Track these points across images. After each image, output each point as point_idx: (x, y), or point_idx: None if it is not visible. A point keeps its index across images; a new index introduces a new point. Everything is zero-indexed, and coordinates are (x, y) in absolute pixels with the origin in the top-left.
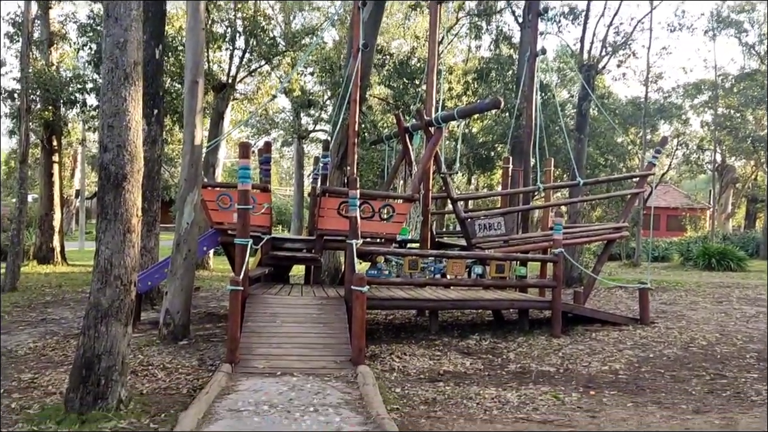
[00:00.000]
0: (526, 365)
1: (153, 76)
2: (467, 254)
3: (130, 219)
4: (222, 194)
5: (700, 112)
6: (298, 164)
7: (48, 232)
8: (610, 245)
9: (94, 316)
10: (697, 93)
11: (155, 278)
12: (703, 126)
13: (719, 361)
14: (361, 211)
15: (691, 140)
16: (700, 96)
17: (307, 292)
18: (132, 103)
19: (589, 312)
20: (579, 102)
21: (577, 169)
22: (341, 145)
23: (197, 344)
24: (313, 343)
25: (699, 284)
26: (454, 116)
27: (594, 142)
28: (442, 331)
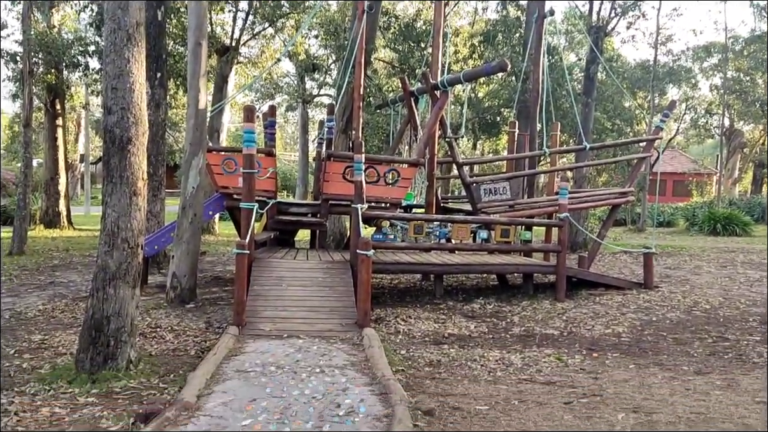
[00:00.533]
0: (530, 328)
1: (155, 38)
2: (472, 219)
3: (136, 182)
4: (227, 158)
5: (709, 76)
6: (302, 129)
7: (54, 196)
8: (615, 210)
9: (102, 279)
10: (706, 56)
11: (162, 242)
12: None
13: (722, 324)
14: (366, 176)
15: (699, 104)
16: (710, 59)
17: (313, 256)
18: (135, 65)
19: (593, 276)
20: (587, 65)
21: (584, 133)
22: (346, 109)
23: (204, 307)
24: (318, 306)
25: (704, 249)
26: (460, 80)
27: (601, 107)
28: (446, 295)
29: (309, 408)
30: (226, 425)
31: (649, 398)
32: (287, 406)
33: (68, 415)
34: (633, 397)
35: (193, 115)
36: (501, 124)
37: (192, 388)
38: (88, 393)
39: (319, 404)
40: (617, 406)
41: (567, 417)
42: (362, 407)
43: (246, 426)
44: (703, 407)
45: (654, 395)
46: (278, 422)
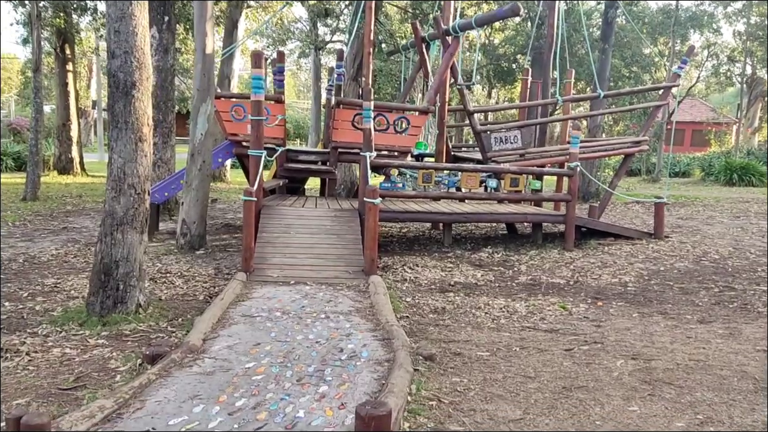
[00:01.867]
0: (537, 277)
1: None
2: (482, 167)
3: (141, 128)
4: (235, 105)
5: (732, 22)
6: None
7: (66, 142)
8: (628, 159)
9: (110, 224)
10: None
11: (172, 189)
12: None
13: (730, 274)
14: (376, 124)
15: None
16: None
17: (321, 204)
18: (138, 7)
19: (603, 226)
20: (605, 9)
21: (600, 81)
22: (357, 55)
23: (213, 254)
24: (326, 253)
25: (718, 199)
26: (471, 24)
27: (619, 53)
28: (455, 244)
29: (312, 352)
30: (229, 367)
31: (649, 345)
32: (291, 350)
33: (78, 356)
34: (633, 345)
35: (200, 59)
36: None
37: (198, 331)
38: (98, 335)
39: (322, 348)
40: (617, 353)
41: (566, 363)
42: (364, 352)
43: (249, 368)
44: (702, 355)
45: (654, 343)
46: (281, 365)
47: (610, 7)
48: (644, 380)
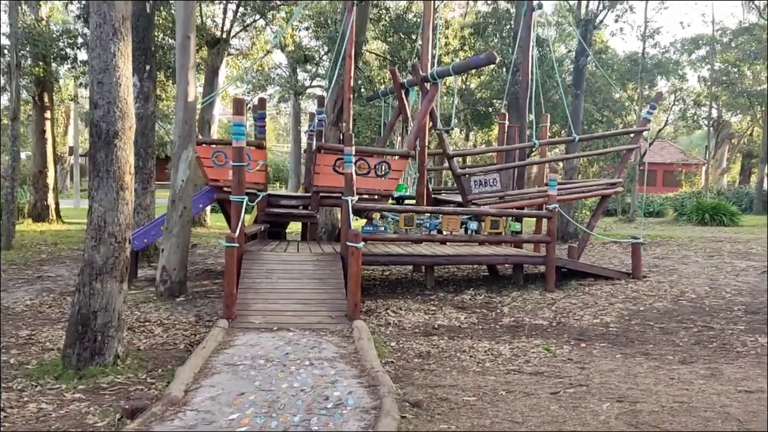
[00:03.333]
0: (520, 319)
1: (144, 30)
2: (462, 210)
3: (123, 176)
4: (217, 151)
5: (697, 68)
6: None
7: (42, 189)
8: (604, 201)
9: (89, 273)
10: (694, 48)
11: (151, 235)
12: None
13: (708, 314)
14: (357, 168)
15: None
16: (698, 51)
17: (303, 248)
18: (122, 59)
19: (583, 266)
20: (576, 57)
21: (574, 125)
22: (337, 101)
23: (194, 300)
24: (308, 298)
25: (692, 239)
26: (449, 71)
27: (591, 98)
28: (437, 287)
29: (297, 401)
30: (213, 420)
31: (633, 388)
32: (275, 399)
33: (55, 411)
34: (618, 387)
35: (182, 107)
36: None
37: (179, 382)
38: (74, 389)
39: (307, 397)
40: (602, 396)
41: (553, 407)
42: (350, 399)
43: (233, 420)
44: (685, 396)
45: (639, 384)
46: (266, 416)
47: (580, 55)
48: (630, 423)
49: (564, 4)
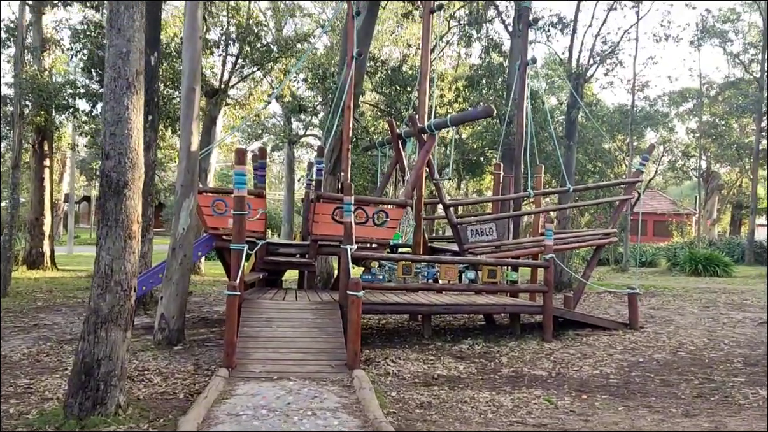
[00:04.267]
0: (519, 369)
1: (148, 82)
2: (460, 259)
3: (131, 225)
4: (217, 200)
5: (685, 120)
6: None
7: (38, 236)
8: (599, 250)
9: (94, 322)
10: (682, 101)
11: (150, 283)
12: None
13: (707, 366)
14: (355, 217)
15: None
16: (686, 104)
17: (302, 296)
18: (134, 112)
19: (580, 317)
20: (568, 110)
21: (567, 175)
22: (334, 151)
23: (192, 349)
24: (308, 347)
25: (686, 289)
26: (446, 123)
27: (582, 149)
28: (435, 336)
29: None
30: None
31: None
32: None
33: None
34: None
35: (185, 157)
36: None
37: None
38: None
39: None
40: None
41: None
42: None
43: None
44: None
45: None
46: None
47: (572, 107)
48: None
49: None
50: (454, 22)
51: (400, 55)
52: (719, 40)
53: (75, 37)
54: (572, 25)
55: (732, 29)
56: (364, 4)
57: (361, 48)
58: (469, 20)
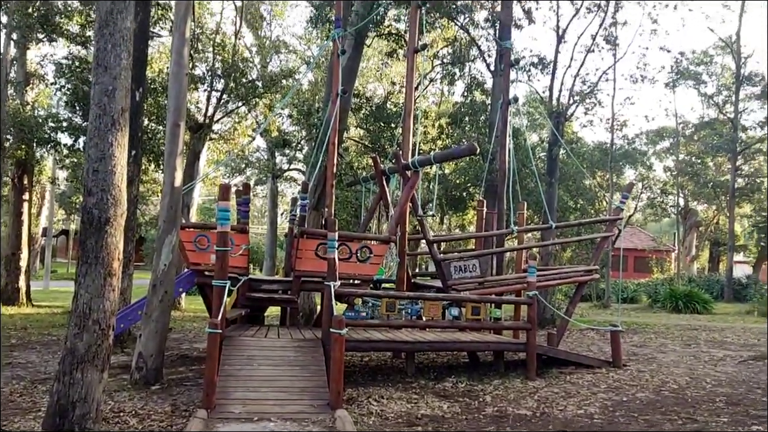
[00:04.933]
0: (503, 408)
1: (133, 117)
2: (444, 296)
3: (112, 263)
4: (200, 235)
5: (663, 158)
6: (272, 203)
7: (14, 272)
8: (582, 287)
9: (70, 362)
10: (659, 140)
11: (128, 321)
12: (666, 171)
13: (690, 405)
14: (339, 253)
15: (655, 184)
16: (662, 143)
17: (284, 334)
18: (118, 149)
19: (564, 354)
20: (549, 147)
21: (549, 212)
22: (318, 186)
23: (170, 389)
24: (290, 386)
25: (667, 326)
26: (431, 161)
27: (564, 186)
28: (418, 374)
29: None
30: None
31: None
32: None
33: None
34: None
35: (168, 192)
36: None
37: None
38: None
39: None
40: None
41: None
42: None
43: None
44: None
45: None
46: None
47: (553, 145)
48: None
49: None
50: (437, 60)
51: (385, 92)
52: (693, 81)
53: (59, 71)
54: (552, 66)
55: (705, 71)
56: (350, 42)
57: (346, 86)
58: (452, 59)
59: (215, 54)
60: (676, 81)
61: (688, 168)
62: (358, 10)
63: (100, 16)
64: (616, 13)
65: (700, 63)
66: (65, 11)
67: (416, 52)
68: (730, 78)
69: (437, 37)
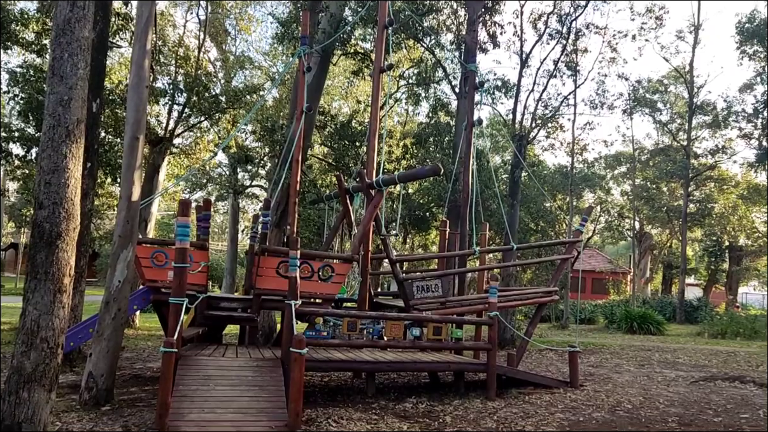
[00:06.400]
0: (463, 429)
1: (89, 129)
2: (406, 316)
3: (62, 279)
4: (157, 251)
5: (620, 183)
6: (233, 220)
7: None
8: (541, 308)
9: (17, 381)
10: (617, 164)
11: (78, 339)
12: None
13: (644, 425)
14: (300, 271)
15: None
16: (620, 167)
17: (242, 353)
18: (72, 161)
19: (522, 375)
20: (511, 169)
21: (511, 233)
22: (280, 204)
23: (121, 410)
24: (248, 407)
25: (623, 347)
26: (395, 180)
27: (525, 208)
28: (378, 394)
29: None
30: None
31: None
32: None
33: None
34: None
35: (124, 207)
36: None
37: None
38: None
39: None
40: None
41: None
42: None
43: None
44: None
45: None
46: None
47: (515, 167)
48: None
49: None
50: (403, 81)
51: (350, 110)
52: (649, 109)
53: (13, 80)
54: (516, 89)
55: (660, 99)
56: (316, 60)
57: (311, 103)
58: (417, 80)
59: (177, 67)
60: (633, 108)
61: (644, 192)
62: (325, 28)
63: (57, 24)
64: (578, 41)
65: (656, 91)
66: (21, 18)
67: (382, 71)
68: (683, 106)
69: (403, 57)
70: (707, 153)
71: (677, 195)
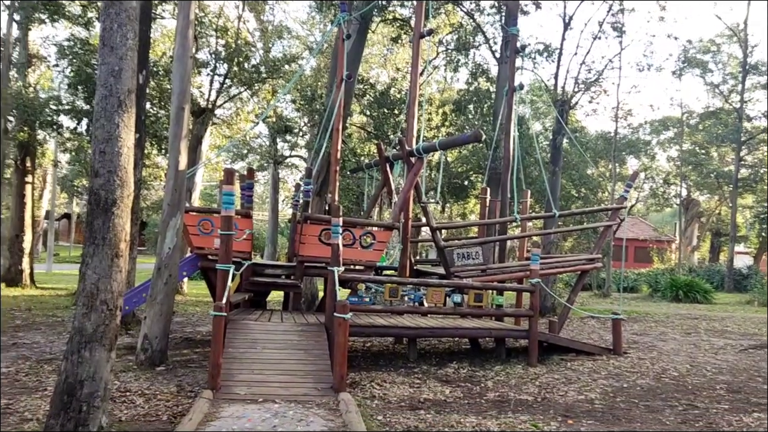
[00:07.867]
0: (505, 394)
1: (136, 100)
2: (447, 283)
3: (119, 244)
4: (203, 219)
5: (666, 148)
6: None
7: (17, 254)
8: (584, 275)
9: (78, 341)
10: (663, 129)
11: (133, 303)
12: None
13: (691, 392)
14: (342, 238)
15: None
16: (667, 132)
17: (287, 318)
18: (125, 130)
19: (565, 341)
20: (553, 136)
21: (552, 200)
22: (321, 172)
23: (175, 370)
24: (294, 369)
25: (668, 315)
26: (435, 147)
27: (567, 175)
28: (420, 359)
29: None
30: None
31: None
32: None
33: None
34: None
35: (172, 176)
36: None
37: None
38: None
39: None
40: None
41: None
42: None
43: None
44: None
45: None
46: None
47: (557, 133)
48: None
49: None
50: (441, 47)
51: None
52: (700, 70)
53: (61, 53)
54: (558, 53)
55: (712, 60)
56: (355, 27)
57: (350, 71)
58: (456, 46)
59: (218, 38)
60: (683, 69)
61: (692, 158)
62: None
63: None
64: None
65: (707, 51)
66: None
67: (422, 37)
68: (736, 67)
69: (442, 22)
70: (761, 115)
71: (728, 160)
